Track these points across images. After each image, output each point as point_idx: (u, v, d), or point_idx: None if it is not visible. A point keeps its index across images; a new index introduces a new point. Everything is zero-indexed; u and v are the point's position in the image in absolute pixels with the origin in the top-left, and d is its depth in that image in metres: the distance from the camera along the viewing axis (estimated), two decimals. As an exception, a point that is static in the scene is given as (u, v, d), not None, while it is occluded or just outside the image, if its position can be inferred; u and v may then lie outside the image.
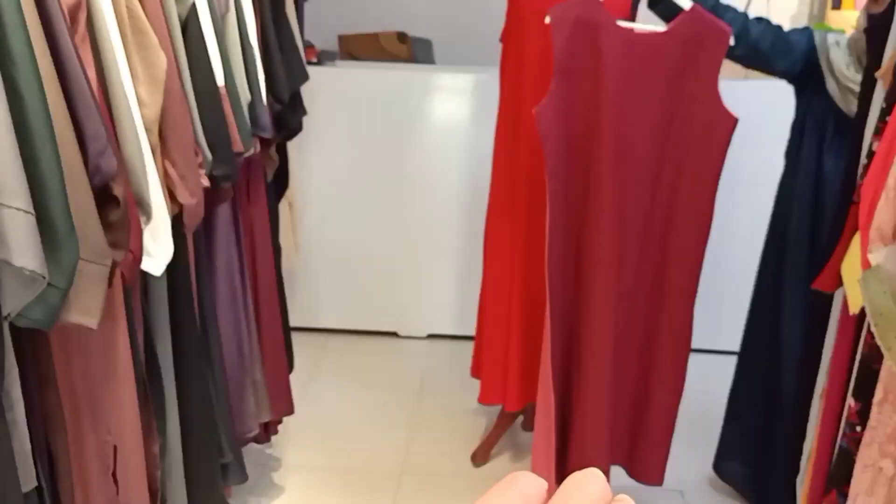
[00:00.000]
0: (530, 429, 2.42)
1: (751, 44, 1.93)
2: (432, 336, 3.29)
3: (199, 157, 1.50)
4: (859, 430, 1.28)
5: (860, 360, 1.32)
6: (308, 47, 2.98)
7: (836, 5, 3.10)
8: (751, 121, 1.97)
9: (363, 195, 3.15)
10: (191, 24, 1.51)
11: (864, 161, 1.41)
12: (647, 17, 1.99)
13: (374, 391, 2.88)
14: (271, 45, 1.99)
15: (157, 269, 1.35)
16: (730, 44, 1.78)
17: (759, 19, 1.98)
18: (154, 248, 1.33)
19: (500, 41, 2.27)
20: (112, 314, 1.25)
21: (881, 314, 1.15)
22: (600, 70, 1.79)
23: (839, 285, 1.46)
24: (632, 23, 1.94)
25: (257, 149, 1.87)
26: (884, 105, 1.36)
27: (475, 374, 2.49)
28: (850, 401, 1.33)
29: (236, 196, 1.86)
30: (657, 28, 1.83)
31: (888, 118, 1.31)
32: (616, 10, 1.89)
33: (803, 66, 1.96)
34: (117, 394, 1.29)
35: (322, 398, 2.82)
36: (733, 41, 1.79)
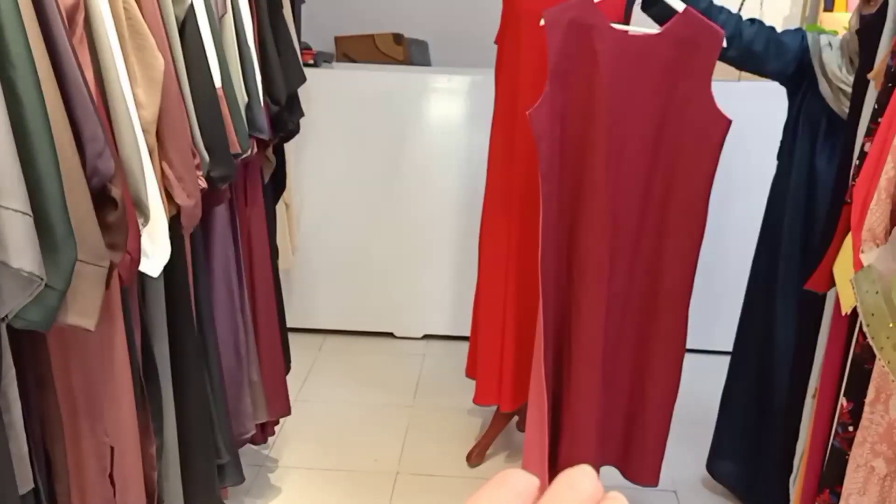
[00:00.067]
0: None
1: (744, 45, 1.94)
2: (428, 336, 3.30)
3: (197, 159, 1.51)
4: (851, 429, 1.29)
5: (852, 359, 1.32)
6: (305, 49, 2.98)
7: (828, 7, 3.12)
8: (744, 122, 1.97)
9: (359, 196, 3.15)
10: (188, 25, 1.51)
11: (856, 162, 1.42)
12: (640, 20, 2.00)
13: (370, 392, 2.88)
14: (268, 46, 2.00)
15: (155, 270, 1.35)
16: (723, 45, 1.79)
17: (752, 21, 1.99)
18: (151, 249, 1.34)
19: (496, 43, 2.28)
20: (109, 315, 1.25)
21: (873, 314, 1.16)
22: (594, 72, 1.80)
23: (831, 285, 1.47)
24: (625, 25, 1.95)
25: (254, 150, 1.87)
26: (876, 106, 1.37)
27: (470, 374, 2.50)
28: (842, 400, 1.34)
29: (233, 197, 1.86)
30: (651, 30, 1.84)
31: (880, 119, 1.32)
32: (610, 13, 1.90)
33: (796, 67, 1.97)
34: (114, 395, 1.30)
35: (318, 399, 2.82)
36: (726, 43, 1.80)
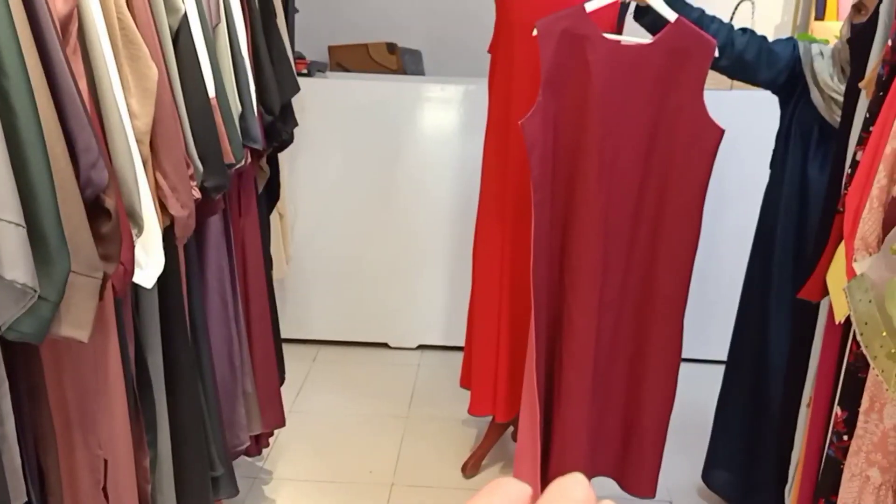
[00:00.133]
0: (521, 439, 2.42)
1: (735, 55, 1.95)
2: (423, 347, 3.29)
3: (191, 169, 1.51)
4: (846, 438, 1.29)
5: (846, 368, 1.33)
6: (298, 58, 2.98)
7: (819, 16, 3.14)
8: (736, 131, 1.98)
9: (353, 206, 3.15)
10: (182, 35, 1.51)
11: (848, 171, 1.42)
12: (633, 30, 2.01)
13: (364, 403, 2.87)
14: (262, 56, 2.00)
15: (149, 281, 1.35)
16: (715, 55, 1.80)
17: (744, 30, 2.00)
18: (145, 260, 1.33)
19: (489, 52, 2.29)
20: (103, 327, 1.24)
21: (866, 323, 1.16)
22: (587, 82, 1.80)
23: (825, 294, 1.47)
24: (618, 35, 1.96)
25: (248, 160, 1.87)
26: (867, 115, 1.38)
27: (465, 384, 2.50)
28: (836, 409, 1.34)
29: (227, 208, 1.86)
30: (643, 40, 1.85)
31: (871, 128, 1.32)
32: (602, 23, 1.90)
33: (788, 76, 1.98)
34: (108, 407, 1.29)
35: (313, 410, 2.81)
36: (718, 52, 1.81)
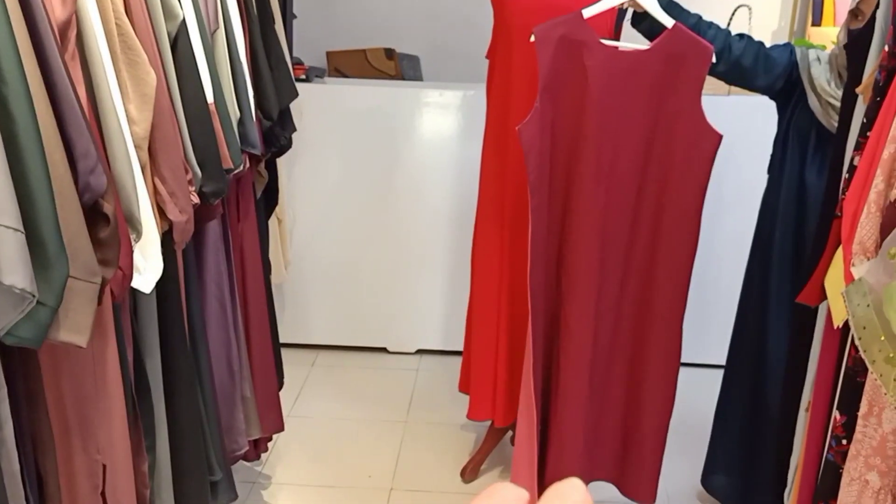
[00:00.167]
0: (520, 443, 2.42)
1: (733, 60, 1.96)
2: (421, 351, 3.29)
3: (189, 174, 1.51)
4: (845, 443, 1.29)
5: (845, 372, 1.33)
6: (296, 64, 2.99)
7: (816, 21, 3.15)
8: (734, 136, 1.99)
9: (352, 211, 3.15)
10: (180, 41, 1.51)
11: (846, 175, 1.43)
12: (630, 36, 2.02)
13: (363, 407, 2.87)
14: (260, 61, 2.00)
15: (147, 286, 1.35)
16: (712, 61, 1.81)
17: (741, 36, 2.01)
18: (144, 265, 1.33)
19: (487, 58, 2.29)
20: (101, 332, 1.24)
21: (864, 327, 1.16)
22: (584, 87, 1.81)
23: (823, 298, 1.48)
24: (615, 41, 1.97)
25: (246, 165, 1.87)
26: (864, 120, 1.38)
27: (463, 389, 2.49)
28: (835, 414, 1.34)
29: (226, 212, 1.86)
30: (641, 46, 1.85)
31: (869, 133, 1.33)
32: (600, 29, 1.91)
33: (785, 81, 1.99)
34: (106, 412, 1.29)
35: (312, 414, 2.81)
36: (715, 58, 1.82)
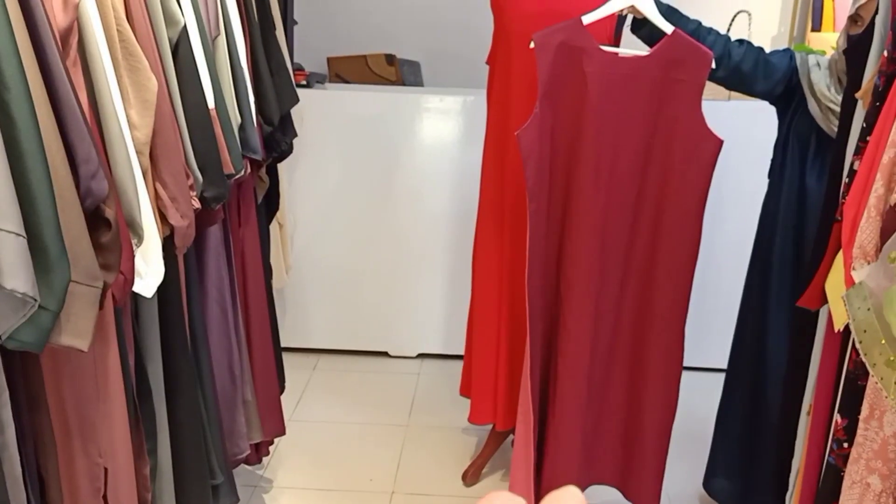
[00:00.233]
0: (521, 448, 2.42)
1: (732, 66, 1.96)
2: (422, 355, 3.29)
3: (190, 179, 1.51)
4: (846, 446, 1.29)
5: (846, 376, 1.33)
6: (297, 70, 3.00)
7: (816, 27, 3.15)
8: (734, 140, 1.99)
9: (353, 216, 3.16)
10: (181, 47, 1.52)
11: (846, 180, 1.43)
12: (630, 42, 2.02)
13: (364, 411, 2.87)
14: (261, 67, 2.01)
15: (148, 290, 1.35)
16: (711, 66, 1.81)
17: (741, 41, 2.01)
18: (145, 269, 1.33)
19: (487, 63, 2.30)
20: (103, 336, 1.25)
21: (865, 331, 1.16)
22: (584, 93, 1.81)
23: (824, 302, 1.48)
24: (615, 47, 1.97)
25: (248, 170, 1.88)
26: (864, 125, 1.38)
27: (465, 393, 2.50)
28: (836, 417, 1.34)
29: (227, 217, 1.87)
30: (640, 52, 1.86)
31: (868, 137, 1.33)
32: (600, 35, 1.92)
33: (785, 87, 1.99)
34: (108, 416, 1.29)
35: (313, 418, 2.81)
36: (715, 64, 1.82)
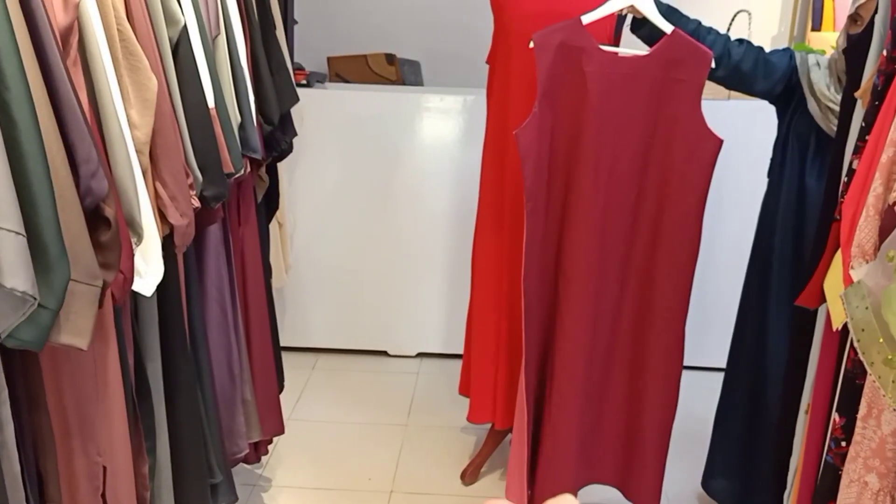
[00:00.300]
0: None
1: (732, 65, 1.96)
2: (422, 355, 3.29)
3: (190, 179, 1.51)
4: (844, 444, 1.29)
5: (844, 375, 1.33)
6: (297, 69, 3.00)
7: (816, 26, 3.15)
8: (734, 140, 1.99)
9: (352, 215, 3.16)
10: (181, 46, 1.52)
11: (845, 179, 1.43)
12: (630, 42, 2.02)
13: (363, 410, 2.87)
14: (261, 67, 2.01)
15: (148, 289, 1.35)
16: (711, 66, 1.81)
17: (740, 41, 2.01)
18: (144, 268, 1.34)
19: (487, 63, 2.30)
20: (102, 335, 1.25)
21: (863, 329, 1.16)
22: (583, 93, 1.81)
23: (822, 301, 1.48)
24: (615, 47, 1.97)
25: (247, 170, 1.88)
26: (863, 124, 1.38)
27: (464, 392, 2.50)
28: (834, 416, 1.34)
29: (227, 216, 1.87)
30: (640, 52, 1.86)
31: (867, 137, 1.33)
32: (599, 35, 1.92)
33: (784, 86, 1.99)
34: (107, 414, 1.29)
35: (312, 418, 2.81)
36: (714, 63, 1.82)
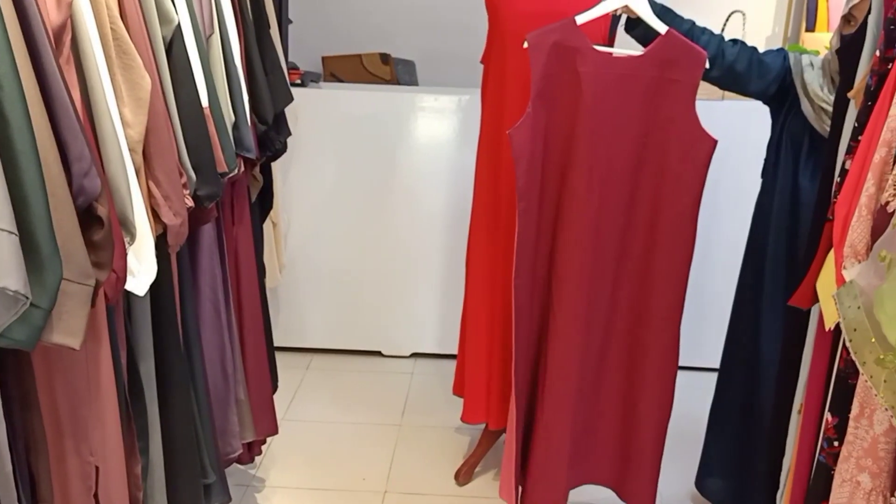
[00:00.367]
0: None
1: (726, 65, 1.97)
2: (416, 355, 3.29)
3: (184, 178, 1.51)
4: (837, 444, 1.29)
5: (836, 374, 1.33)
6: (292, 69, 2.99)
7: (810, 27, 3.17)
8: (728, 140, 2.00)
9: (347, 215, 3.16)
10: (175, 45, 1.52)
11: (838, 179, 1.43)
12: (624, 42, 2.03)
13: (357, 410, 2.87)
14: (255, 66, 2.01)
15: (141, 288, 1.35)
16: (705, 66, 1.81)
17: (735, 41, 2.02)
18: (138, 267, 1.33)
19: (482, 62, 2.30)
20: (95, 334, 1.24)
21: (855, 329, 1.16)
22: (578, 93, 1.81)
23: (815, 301, 1.48)
24: (609, 47, 1.97)
25: (241, 169, 1.88)
26: (856, 124, 1.39)
27: (458, 392, 2.50)
28: (827, 416, 1.34)
29: (221, 216, 1.86)
30: (634, 52, 1.86)
31: (860, 137, 1.33)
32: (594, 35, 1.92)
33: (778, 86, 2.00)
34: (100, 414, 1.29)
35: (306, 418, 2.81)
36: (709, 63, 1.83)
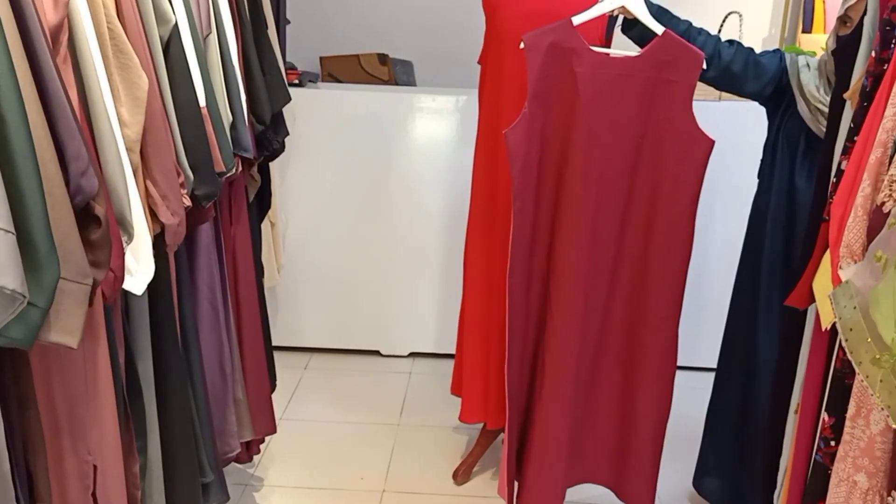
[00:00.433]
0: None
1: (723, 66, 1.97)
2: (414, 354, 3.30)
3: (181, 177, 1.51)
4: (833, 444, 1.30)
5: (833, 374, 1.33)
6: (290, 69, 3.00)
7: (807, 28, 3.17)
8: (725, 141, 2.00)
9: (345, 215, 3.16)
10: (172, 45, 1.52)
11: (834, 180, 1.44)
12: (621, 42, 2.03)
13: (356, 410, 2.87)
14: (253, 66, 2.01)
15: (139, 288, 1.35)
16: (702, 67, 1.82)
17: (731, 42, 2.02)
18: (135, 267, 1.33)
19: (479, 63, 2.30)
20: (93, 333, 1.25)
21: (851, 329, 1.17)
22: (574, 94, 1.82)
23: (811, 301, 1.49)
24: (606, 48, 1.98)
25: (239, 169, 1.88)
26: (851, 125, 1.39)
27: (456, 391, 2.50)
28: (823, 415, 1.34)
29: (218, 216, 1.86)
30: (630, 53, 1.86)
31: (856, 138, 1.34)
32: (590, 36, 1.92)
33: (774, 87, 2.00)
34: (98, 413, 1.29)
35: (304, 417, 2.81)
36: (705, 64, 1.83)
